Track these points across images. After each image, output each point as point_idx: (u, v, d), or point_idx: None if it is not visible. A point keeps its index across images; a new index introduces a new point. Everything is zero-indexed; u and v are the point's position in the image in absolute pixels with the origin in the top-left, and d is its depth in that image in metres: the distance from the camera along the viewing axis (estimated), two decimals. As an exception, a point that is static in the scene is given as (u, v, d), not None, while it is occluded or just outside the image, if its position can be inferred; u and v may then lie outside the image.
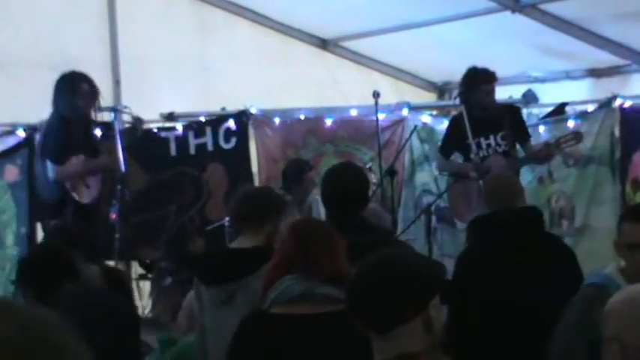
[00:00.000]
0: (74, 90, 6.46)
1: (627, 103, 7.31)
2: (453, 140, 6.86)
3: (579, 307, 3.52)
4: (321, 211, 7.06)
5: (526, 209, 4.82)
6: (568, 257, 4.63)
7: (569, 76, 8.38)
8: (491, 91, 6.68)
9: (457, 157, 6.99)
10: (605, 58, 7.93)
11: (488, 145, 6.68)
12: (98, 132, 7.01)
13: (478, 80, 6.64)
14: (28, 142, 7.80)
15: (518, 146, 6.79)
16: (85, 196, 6.53)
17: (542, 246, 4.57)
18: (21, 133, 7.88)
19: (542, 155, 6.66)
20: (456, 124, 6.87)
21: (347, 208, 4.15)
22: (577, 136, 6.72)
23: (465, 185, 6.75)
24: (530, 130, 6.99)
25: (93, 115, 6.66)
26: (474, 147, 6.63)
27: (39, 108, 6.91)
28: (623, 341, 2.39)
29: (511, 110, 6.89)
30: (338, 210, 4.19)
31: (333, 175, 4.41)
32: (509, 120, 6.63)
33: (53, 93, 6.51)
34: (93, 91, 6.54)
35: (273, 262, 3.36)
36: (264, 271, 3.42)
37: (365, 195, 4.32)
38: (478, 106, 6.65)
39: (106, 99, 6.97)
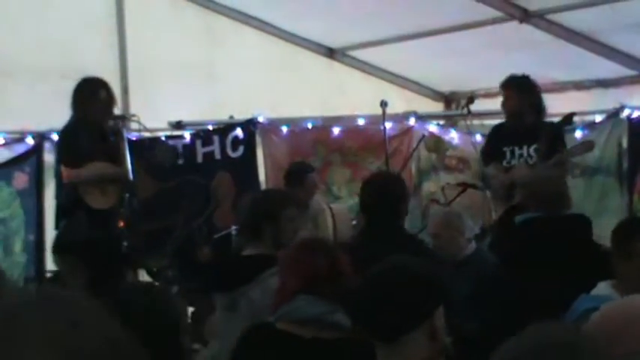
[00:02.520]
0: (93, 96, 6.49)
1: (635, 114, 7.32)
2: (491, 147, 6.90)
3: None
4: (328, 222, 7.05)
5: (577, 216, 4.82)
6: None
7: (576, 86, 8.37)
8: (505, 100, 6.66)
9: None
10: (612, 69, 7.92)
11: (520, 155, 6.69)
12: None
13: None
14: (36, 149, 7.83)
15: None
16: (99, 202, 6.54)
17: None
18: (30, 141, 7.90)
19: (552, 162, 6.61)
20: (494, 131, 6.93)
21: (385, 216, 4.19)
22: (587, 144, 6.72)
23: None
24: None
25: (111, 122, 6.68)
26: (507, 154, 6.69)
27: (48, 116, 6.93)
28: None
29: (551, 127, 6.83)
30: (376, 217, 4.23)
31: (372, 182, 4.49)
32: (546, 135, 6.59)
33: (72, 96, 6.53)
34: (110, 99, 6.59)
35: (291, 273, 3.19)
36: (278, 280, 3.32)
37: (404, 203, 4.37)
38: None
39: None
